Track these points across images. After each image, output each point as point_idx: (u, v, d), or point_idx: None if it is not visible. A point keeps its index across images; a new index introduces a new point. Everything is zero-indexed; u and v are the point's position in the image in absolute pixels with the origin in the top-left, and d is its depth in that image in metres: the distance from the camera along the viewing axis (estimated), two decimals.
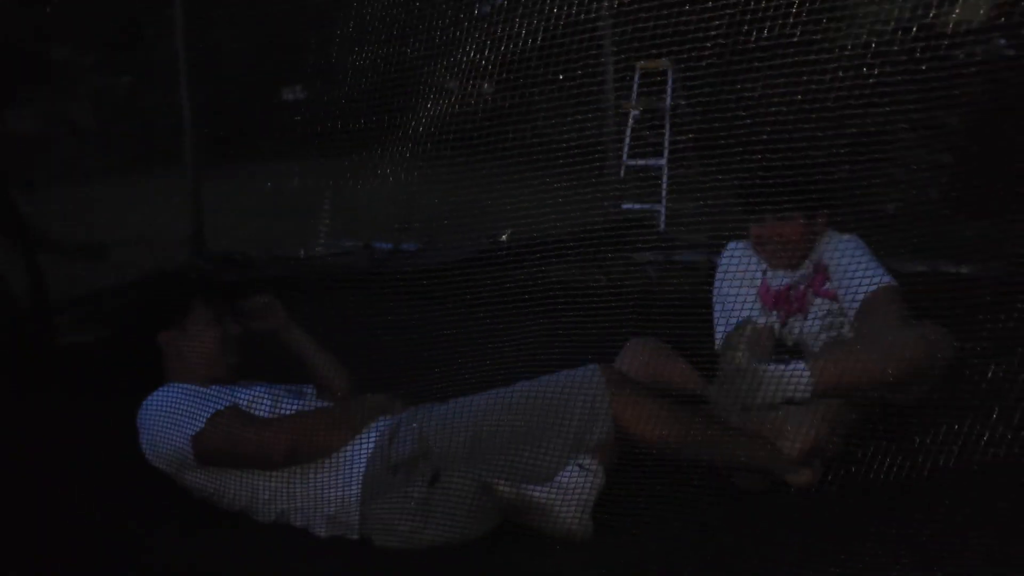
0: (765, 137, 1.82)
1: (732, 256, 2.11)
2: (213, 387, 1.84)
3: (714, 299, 2.12)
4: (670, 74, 4.32)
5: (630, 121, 4.48)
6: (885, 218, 1.96)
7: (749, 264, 2.05)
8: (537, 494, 1.55)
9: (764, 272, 2.06)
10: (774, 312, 2.05)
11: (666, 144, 4.34)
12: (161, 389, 1.83)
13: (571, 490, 1.54)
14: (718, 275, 2.13)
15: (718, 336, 2.09)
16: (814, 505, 1.55)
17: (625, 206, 4.13)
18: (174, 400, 1.79)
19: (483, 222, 2.71)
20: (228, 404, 1.76)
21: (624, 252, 2.75)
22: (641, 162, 4.43)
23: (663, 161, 4.29)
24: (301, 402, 1.83)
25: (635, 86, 4.46)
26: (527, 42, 2.02)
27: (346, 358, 2.14)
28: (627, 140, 4.44)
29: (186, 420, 1.73)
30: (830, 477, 1.57)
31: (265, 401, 1.80)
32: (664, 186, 4.22)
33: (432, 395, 1.84)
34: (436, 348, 2.06)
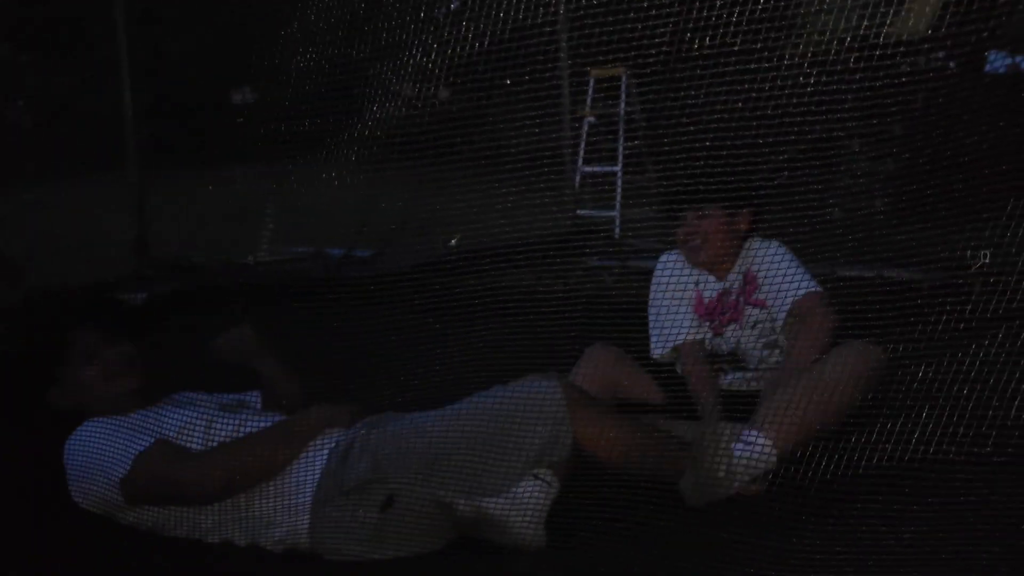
0: (700, 138, 1.83)
1: (666, 266, 2.11)
2: (137, 414, 1.71)
3: (649, 308, 2.11)
4: (624, 81, 4.35)
5: (585, 128, 4.50)
6: (814, 223, 1.98)
7: (682, 273, 2.05)
8: (492, 507, 1.51)
9: (696, 283, 2.07)
10: (707, 323, 2.05)
11: (620, 151, 4.36)
12: (83, 426, 1.70)
13: (526, 501, 1.51)
14: (652, 284, 2.12)
15: (653, 344, 2.09)
16: (765, 510, 1.54)
17: (581, 212, 4.13)
18: (96, 439, 1.66)
19: (437, 228, 2.68)
20: (155, 438, 1.64)
21: (579, 257, 2.74)
22: (596, 168, 4.44)
23: (618, 167, 4.31)
24: (240, 418, 1.72)
25: (590, 93, 4.48)
26: (482, 47, 2.00)
27: (295, 366, 2.08)
28: (582, 146, 4.45)
29: (111, 462, 1.61)
30: (775, 485, 1.57)
31: (198, 424, 1.68)
32: (619, 192, 4.24)
33: (387, 404, 1.79)
34: (390, 355, 2.02)
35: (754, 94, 1.71)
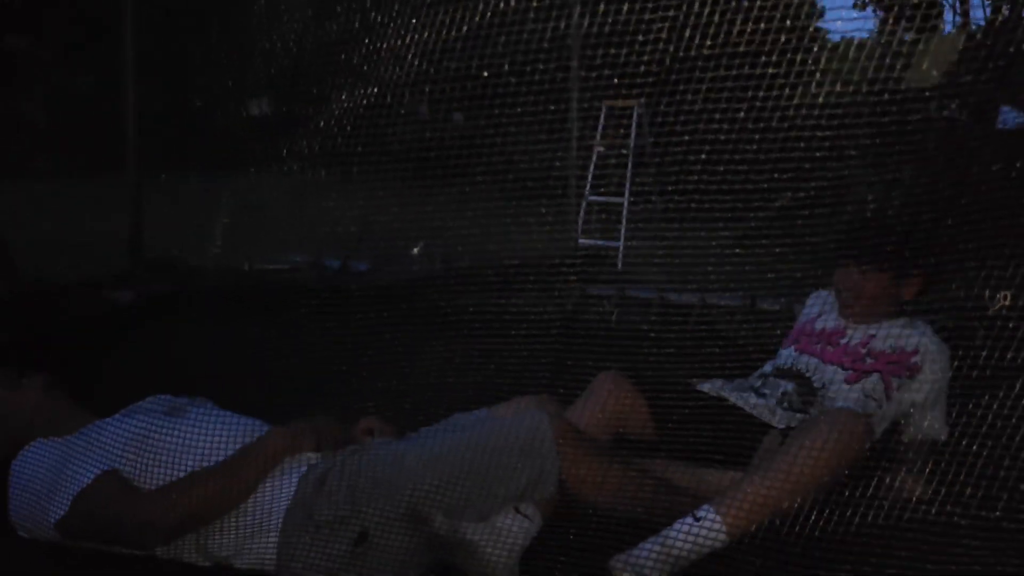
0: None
1: (814, 303, 2.05)
2: (81, 433, 1.61)
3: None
4: (635, 113, 4.35)
5: (594, 157, 4.49)
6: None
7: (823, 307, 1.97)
8: (470, 533, 1.46)
9: (820, 314, 1.98)
10: (799, 341, 1.97)
11: (628, 182, 4.35)
12: (28, 448, 1.59)
13: (504, 533, 1.46)
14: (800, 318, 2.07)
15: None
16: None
17: (583, 242, 4.10)
18: (36, 466, 1.55)
19: (437, 245, 2.66)
20: (97, 471, 1.51)
21: (581, 285, 2.71)
22: (602, 199, 4.43)
23: (624, 199, 4.30)
24: (187, 423, 1.60)
25: (601, 123, 4.48)
26: (497, 72, 1.99)
27: (275, 378, 2.03)
28: (590, 176, 4.44)
29: (48, 499, 1.50)
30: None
31: (148, 439, 1.56)
32: (623, 224, 4.22)
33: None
34: (377, 369, 1.97)
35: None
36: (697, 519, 1.44)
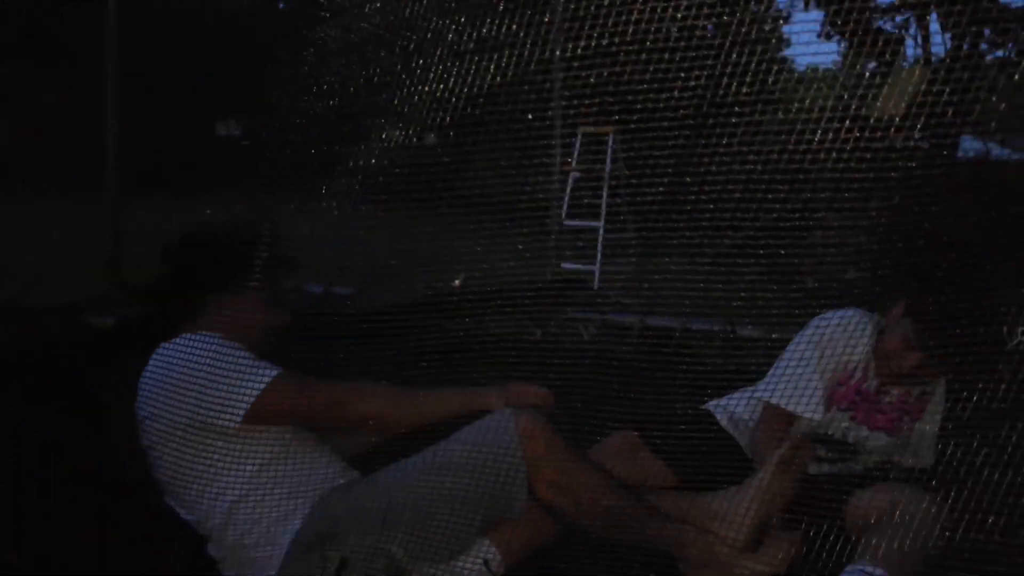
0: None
1: (845, 323, 1.85)
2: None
3: (788, 356, 1.86)
4: (611, 140, 4.43)
5: (570, 183, 4.56)
6: None
7: (858, 340, 1.83)
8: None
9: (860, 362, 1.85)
10: (836, 408, 1.85)
11: (603, 207, 4.41)
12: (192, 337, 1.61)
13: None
14: (816, 335, 1.84)
15: (804, 405, 1.81)
16: None
17: (564, 265, 4.15)
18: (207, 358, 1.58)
19: (419, 270, 2.67)
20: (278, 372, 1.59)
21: (559, 309, 2.73)
22: (579, 223, 4.49)
23: (600, 223, 4.35)
24: None
25: (576, 149, 4.54)
26: (476, 99, 2.01)
27: None
28: (566, 200, 4.50)
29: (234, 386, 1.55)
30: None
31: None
32: (600, 247, 4.27)
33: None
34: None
35: None
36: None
